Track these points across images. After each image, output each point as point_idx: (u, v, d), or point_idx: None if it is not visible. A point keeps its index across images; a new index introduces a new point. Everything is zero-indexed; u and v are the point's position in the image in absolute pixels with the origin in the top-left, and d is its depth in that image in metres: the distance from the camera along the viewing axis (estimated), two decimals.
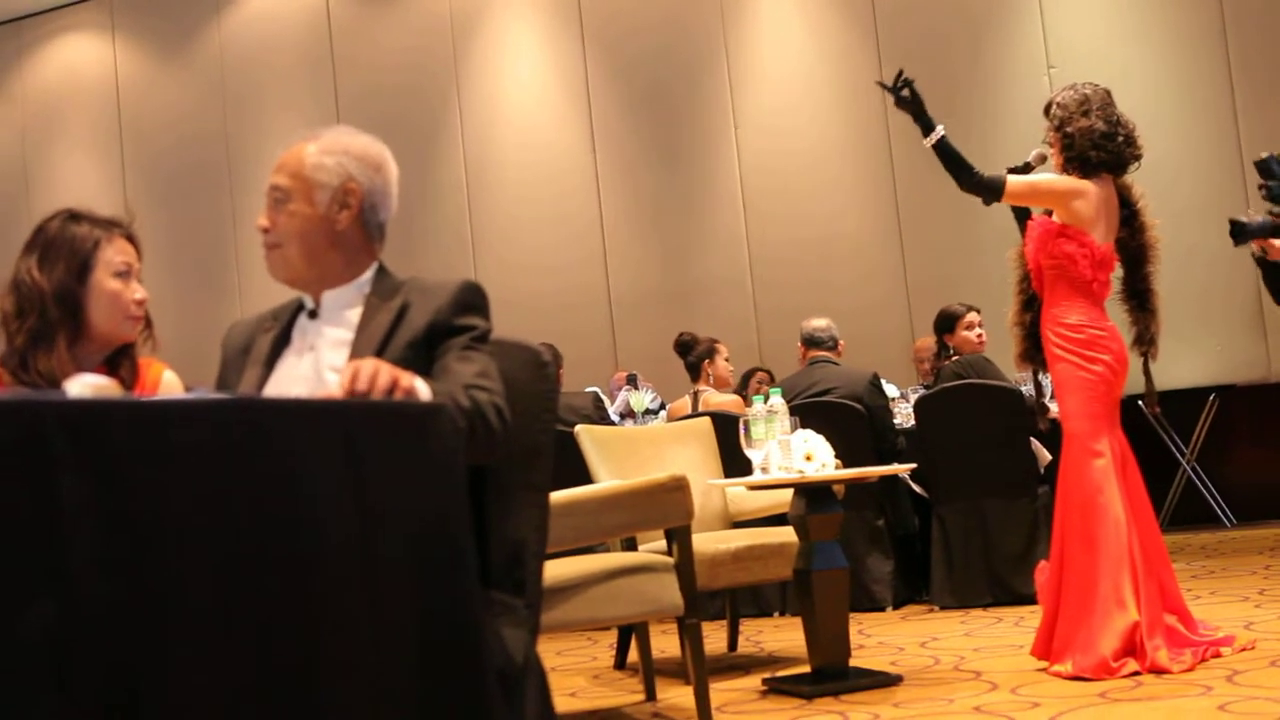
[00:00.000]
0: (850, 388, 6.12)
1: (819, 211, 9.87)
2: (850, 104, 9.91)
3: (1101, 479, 4.07)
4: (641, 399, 7.92)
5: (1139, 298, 4.35)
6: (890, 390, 6.69)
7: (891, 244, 9.66)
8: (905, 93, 4.33)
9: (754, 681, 4.44)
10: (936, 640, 4.99)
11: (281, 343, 2.39)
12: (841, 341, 6.56)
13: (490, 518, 2.30)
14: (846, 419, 5.90)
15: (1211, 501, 8.47)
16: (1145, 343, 4.32)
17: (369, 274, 2.39)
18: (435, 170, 11.01)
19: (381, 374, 1.88)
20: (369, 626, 1.65)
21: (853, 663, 4.34)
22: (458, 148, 11.03)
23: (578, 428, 5.16)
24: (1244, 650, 4.09)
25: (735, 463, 4.98)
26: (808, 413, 5.61)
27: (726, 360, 7.51)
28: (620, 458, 5.07)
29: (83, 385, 1.69)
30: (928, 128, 4.36)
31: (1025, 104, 8.24)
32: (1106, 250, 4.25)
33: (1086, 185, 4.24)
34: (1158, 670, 3.87)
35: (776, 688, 4.25)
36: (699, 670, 3.83)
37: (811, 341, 6.41)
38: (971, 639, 4.95)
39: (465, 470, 1.88)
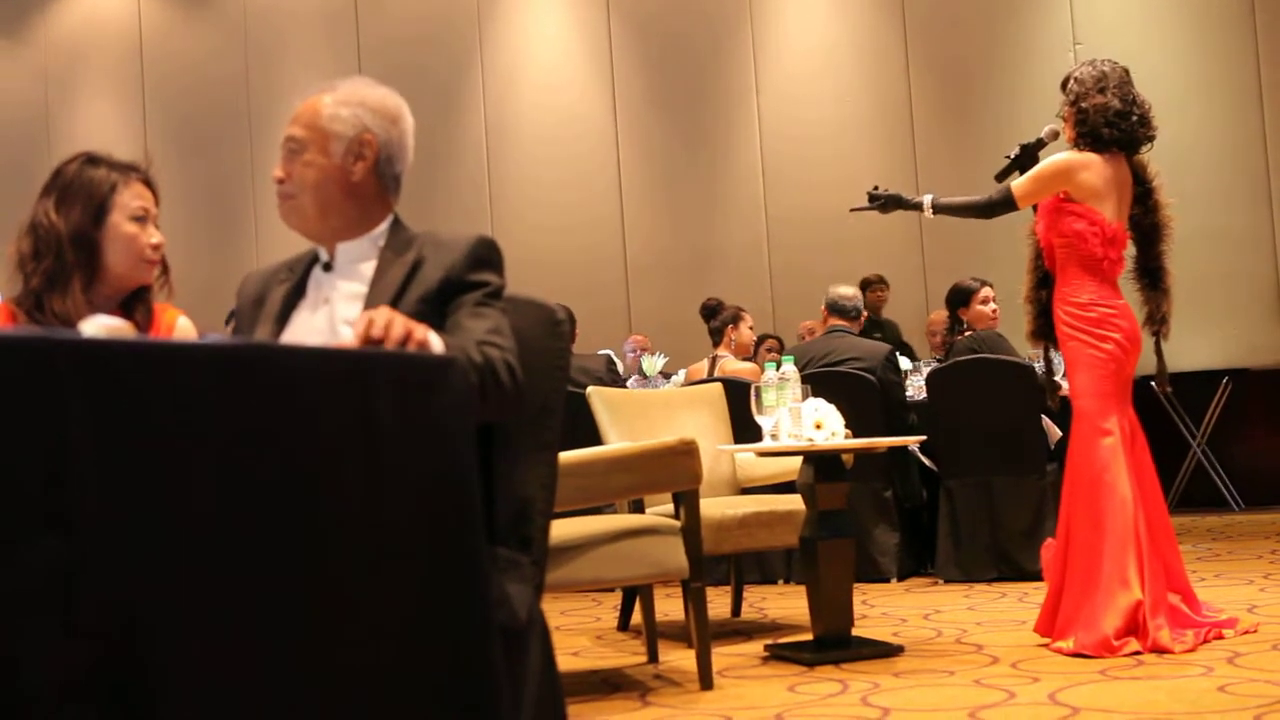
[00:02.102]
0: (865, 360, 6.11)
1: (838, 181, 9.83)
2: (873, 74, 9.87)
3: (1109, 457, 4.07)
4: (654, 363, 7.92)
5: (1151, 276, 4.34)
6: (904, 363, 6.68)
7: (910, 218, 9.61)
8: (881, 201, 4.59)
9: (756, 647, 4.46)
10: (940, 613, 5.00)
11: (296, 295, 2.37)
12: (865, 313, 6.55)
13: (498, 473, 2.31)
14: (859, 390, 5.90)
15: (1220, 485, 8.46)
16: (1156, 322, 4.30)
17: (384, 226, 2.38)
18: (455, 126, 10.99)
19: (395, 324, 1.88)
20: (374, 577, 1.66)
21: (855, 632, 4.35)
22: (478, 104, 11.01)
23: (589, 389, 5.17)
24: (1246, 633, 4.09)
25: (746, 430, 4.98)
26: (821, 381, 5.61)
27: (750, 328, 7.50)
28: (630, 420, 5.08)
29: (97, 326, 1.69)
30: (918, 206, 4.55)
31: (1050, 79, 8.12)
32: (1117, 228, 4.24)
33: (1089, 156, 4.23)
34: (1159, 650, 3.89)
35: (778, 654, 4.27)
36: (701, 634, 3.85)
37: (835, 309, 6.40)
38: (975, 613, 4.96)
39: (476, 424, 1.89)
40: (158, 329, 2.69)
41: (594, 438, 4.94)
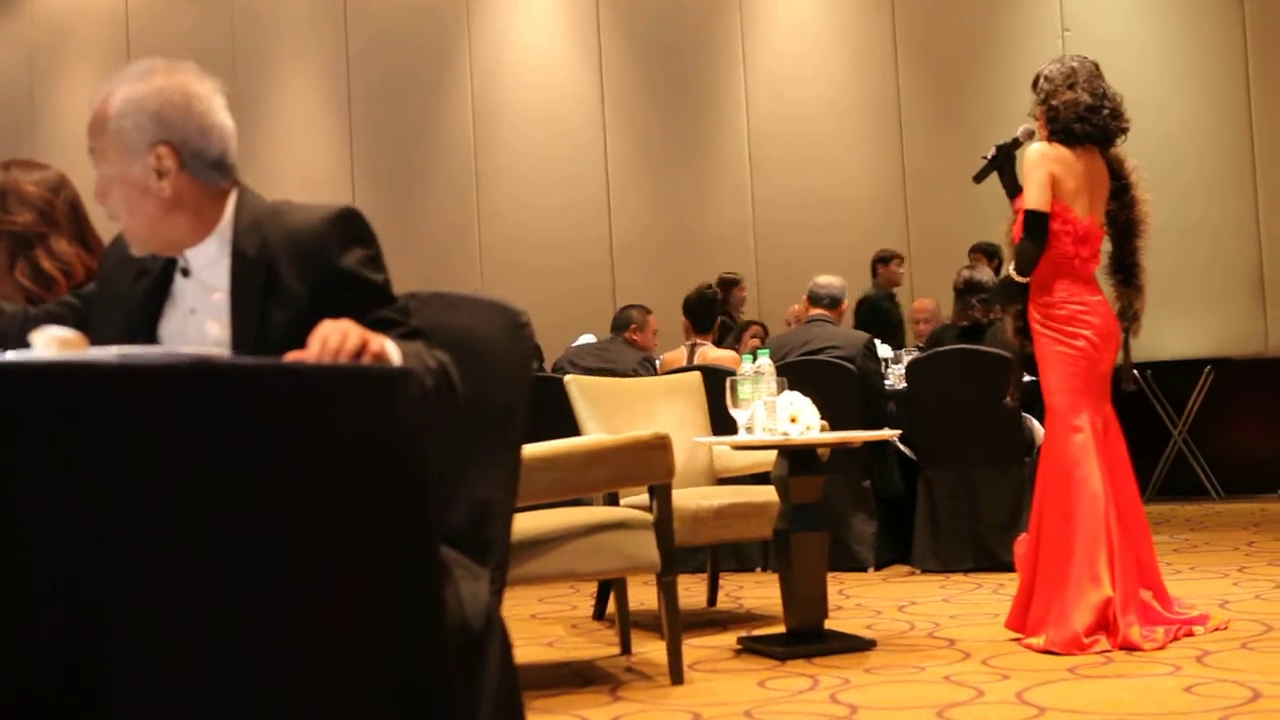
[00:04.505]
0: (844, 348, 6.11)
1: (825, 166, 9.83)
2: (861, 56, 9.86)
3: (1080, 453, 4.08)
4: None
5: (1125, 272, 4.33)
6: (883, 351, 6.68)
7: (896, 202, 9.63)
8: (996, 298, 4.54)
9: (729, 639, 4.46)
10: (915, 605, 5.01)
11: (160, 295, 2.21)
12: (845, 302, 6.54)
13: (459, 477, 2.31)
14: (837, 378, 5.91)
15: (1201, 474, 8.49)
16: (1128, 319, 4.30)
17: (227, 215, 2.18)
18: (443, 103, 10.98)
19: (350, 337, 1.86)
20: (324, 587, 1.66)
21: (829, 624, 4.36)
22: (466, 82, 10.97)
23: (566, 378, 5.17)
24: (1217, 630, 4.11)
25: (726, 417, 4.97)
26: (799, 370, 5.62)
27: None
28: (609, 410, 5.08)
29: (48, 338, 1.68)
30: (1018, 285, 4.30)
31: (1038, 65, 8.17)
32: (1089, 225, 4.24)
33: (1061, 151, 4.23)
34: (1129, 647, 3.90)
35: (750, 647, 4.27)
36: (673, 627, 3.86)
37: (814, 298, 6.42)
38: (949, 605, 4.97)
39: (431, 433, 1.88)
40: None
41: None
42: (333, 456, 1.68)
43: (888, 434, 4.72)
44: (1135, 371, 4.50)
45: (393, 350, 1.96)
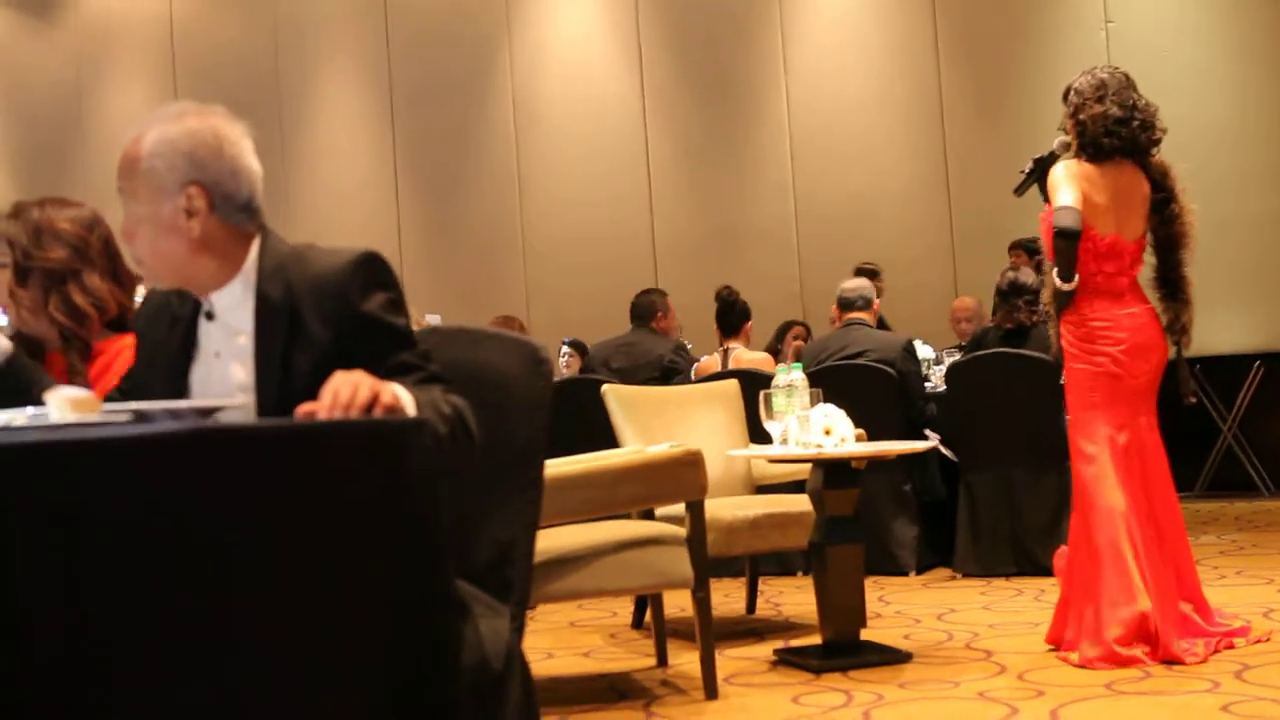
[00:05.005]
0: (883, 352, 6.08)
1: (866, 161, 9.78)
2: (902, 50, 9.79)
3: (1095, 469, 4.06)
4: None
5: (1170, 286, 4.26)
6: (925, 351, 6.64)
7: (939, 197, 9.55)
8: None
9: (766, 650, 4.46)
10: (954, 612, 4.98)
11: (189, 342, 2.24)
12: (876, 301, 6.50)
13: (480, 516, 2.32)
14: (876, 382, 5.89)
15: (1251, 469, 8.37)
16: (1176, 332, 4.22)
17: (251, 258, 2.20)
18: (484, 109, 11.00)
19: (361, 390, 1.86)
20: (332, 642, 1.67)
21: (867, 633, 4.34)
22: (506, 81, 11.00)
23: (604, 388, 5.17)
24: (1259, 642, 4.06)
25: (763, 425, 4.97)
26: (837, 375, 5.61)
27: None
28: (646, 419, 5.08)
29: (61, 398, 1.71)
30: (1068, 293, 4.17)
31: (1082, 58, 8.01)
32: (1111, 241, 4.16)
33: (1087, 168, 4.18)
34: (1169, 660, 3.86)
35: (786, 659, 4.27)
36: (706, 642, 3.86)
37: (843, 303, 6.38)
38: (989, 612, 4.94)
39: (447, 480, 1.89)
40: (105, 363, 2.74)
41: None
42: (342, 510, 1.69)
43: (923, 446, 4.67)
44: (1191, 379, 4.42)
45: (406, 399, 1.96)
